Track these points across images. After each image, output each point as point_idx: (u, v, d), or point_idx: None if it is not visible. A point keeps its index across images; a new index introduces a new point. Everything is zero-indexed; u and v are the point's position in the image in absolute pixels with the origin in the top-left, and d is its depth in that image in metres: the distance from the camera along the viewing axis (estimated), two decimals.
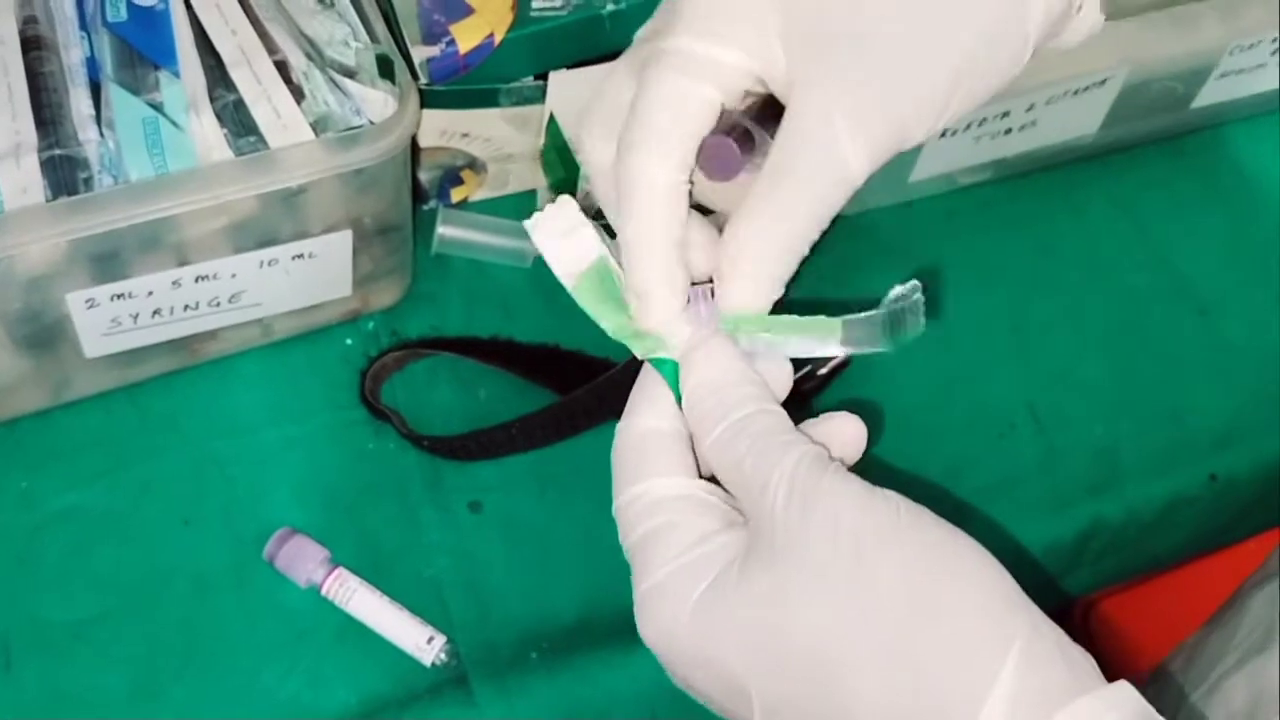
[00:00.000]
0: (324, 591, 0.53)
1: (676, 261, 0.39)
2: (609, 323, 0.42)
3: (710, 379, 0.38)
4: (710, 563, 0.35)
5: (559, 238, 0.42)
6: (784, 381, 0.39)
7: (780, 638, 0.33)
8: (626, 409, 0.39)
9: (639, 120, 0.38)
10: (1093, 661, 0.34)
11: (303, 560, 0.53)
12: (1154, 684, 0.57)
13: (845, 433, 0.38)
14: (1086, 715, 0.32)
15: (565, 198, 0.43)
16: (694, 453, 0.38)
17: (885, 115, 0.37)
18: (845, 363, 0.62)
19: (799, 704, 0.34)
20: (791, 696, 0.34)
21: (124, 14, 0.54)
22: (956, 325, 0.65)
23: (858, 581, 0.33)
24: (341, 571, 0.53)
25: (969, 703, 0.32)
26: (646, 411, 0.38)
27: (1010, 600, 0.33)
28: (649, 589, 0.36)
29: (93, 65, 0.53)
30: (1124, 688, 0.33)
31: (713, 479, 0.38)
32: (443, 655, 0.52)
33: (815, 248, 0.39)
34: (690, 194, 0.39)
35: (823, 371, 0.61)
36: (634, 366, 0.41)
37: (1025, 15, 0.38)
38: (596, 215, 0.43)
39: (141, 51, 0.53)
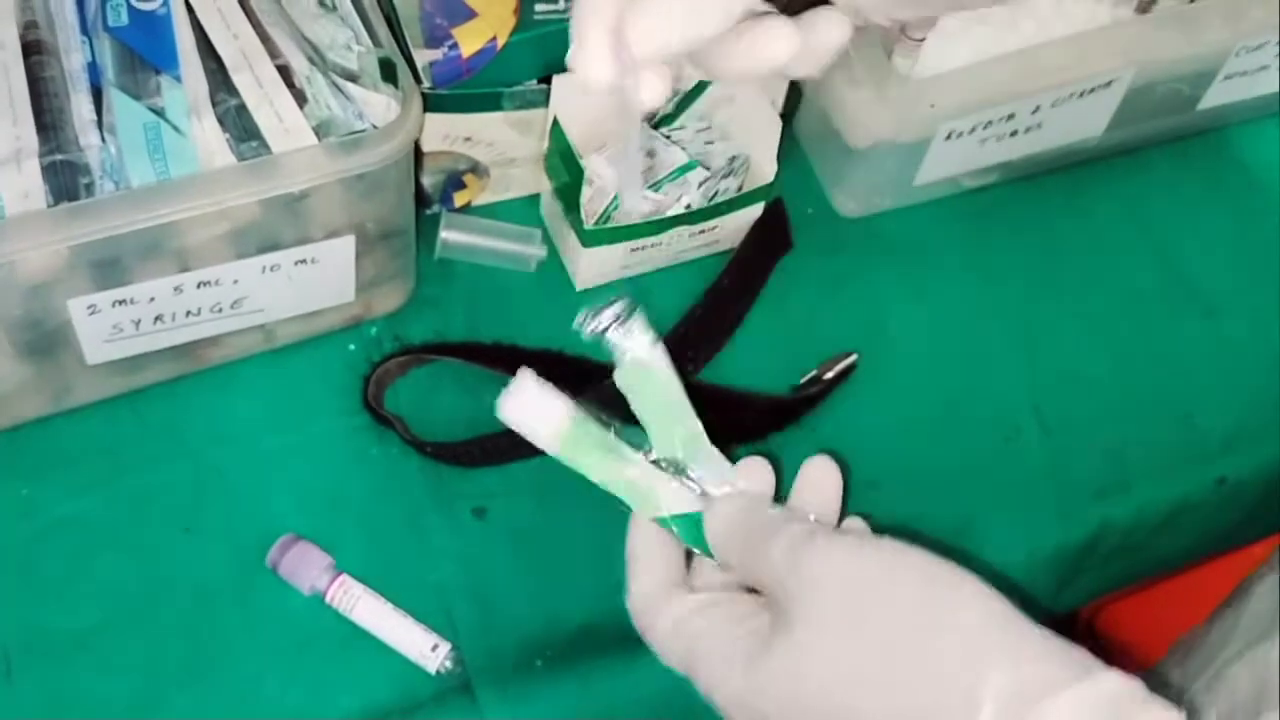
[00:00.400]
0: (328, 599, 0.52)
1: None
2: (598, 475, 0.46)
3: (726, 534, 0.44)
4: (740, 643, 0.41)
5: (528, 411, 0.47)
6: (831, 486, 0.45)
7: (799, 693, 0.39)
8: (629, 575, 0.46)
9: None
10: (1090, 657, 0.36)
11: (306, 567, 0.52)
12: (1152, 678, 0.56)
13: (815, 480, 0.45)
14: (1076, 701, 0.35)
15: (523, 371, 0.47)
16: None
17: None
18: (851, 367, 0.62)
19: None
20: None
21: (125, 18, 0.54)
22: (963, 328, 0.64)
23: (850, 631, 0.39)
24: (345, 578, 0.53)
25: (965, 709, 0.36)
26: (645, 576, 0.45)
27: (996, 616, 0.37)
28: (705, 677, 0.42)
29: (94, 70, 0.53)
30: (1114, 673, 0.36)
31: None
32: (447, 663, 0.52)
33: None
34: None
35: (829, 376, 0.61)
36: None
37: None
38: None
39: (143, 56, 0.53)
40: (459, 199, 0.63)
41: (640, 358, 0.47)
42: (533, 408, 0.47)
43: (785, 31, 0.41)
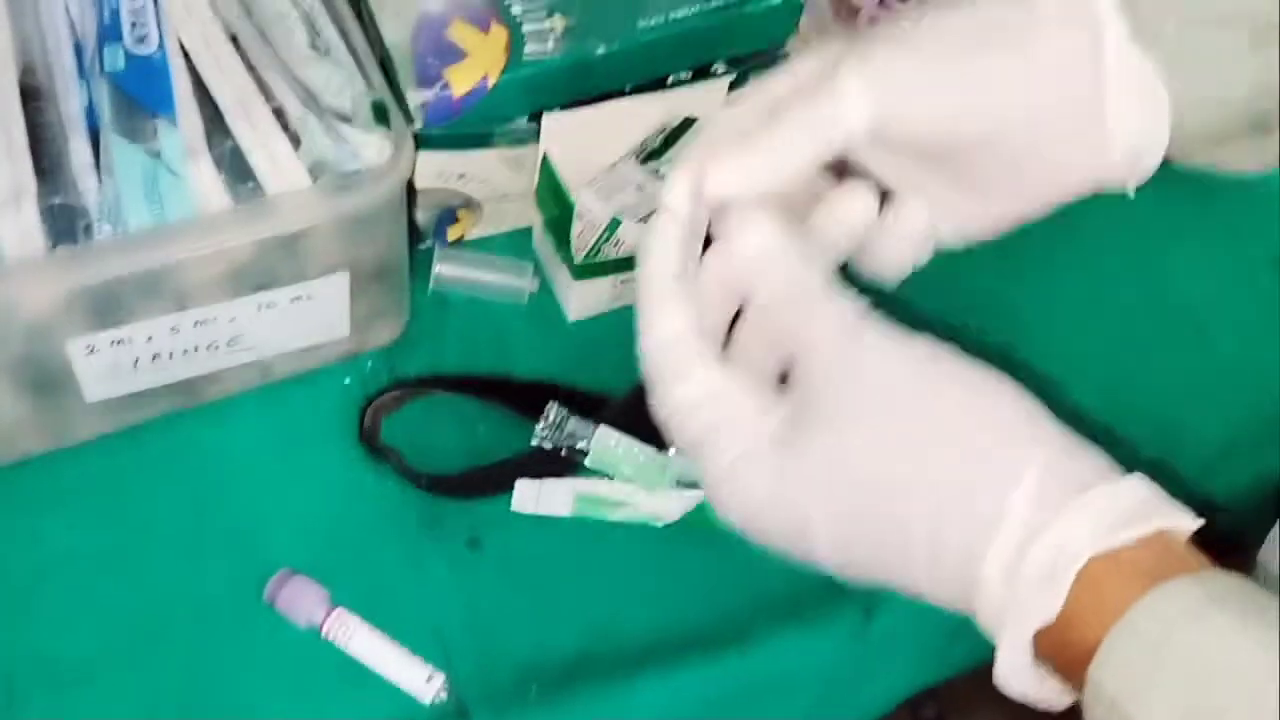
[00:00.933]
0: (324, 632, 0.53)
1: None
2: (616, 515, 0.57)
3: (746, 255, 0.41)
4: (766, 441, 0.39)
5: (539, 502, 0.57)
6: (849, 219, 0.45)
7: (836, 479, 0.38)
8: (640, 324, 0.41)
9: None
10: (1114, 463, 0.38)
11: (303, 601, 0.53)
12: None
13: (853, 210, 0.44)
14: (1108, 495, 0.36)
15: (520, 484, 0.56)
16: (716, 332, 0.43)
17: (884, 72, 0.41)
18: None
19: (857, 538, 0.39)
20: (851, 530, 0.38)
21: (122, 63, 0.55)
22: (953, 350, 0.65)
23: (891, 419, 0.38)
24: (341, 611, 0.53)
25: (997, 499, 0.36)
26: (659, 320, 0.41)
27: (1034, 415, 0.38)
28: (718, 478, 0.40)
29: (91, 114, 0.54)
30: (1141, 479, 0.37)
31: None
32: (442, 694, 0.53)
33: None
34: None
35: None
36: (630, 405, 0.43)
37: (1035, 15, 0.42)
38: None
39: (139, 100, 0.54)
40: (452, 233, 0.64)
41: (596, 448, 0.56)
42: (544, 499, 0.57)
43: (863, 193, 0.45)
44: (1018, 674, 0.37)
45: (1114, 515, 0.35)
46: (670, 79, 0.61)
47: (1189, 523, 0.37)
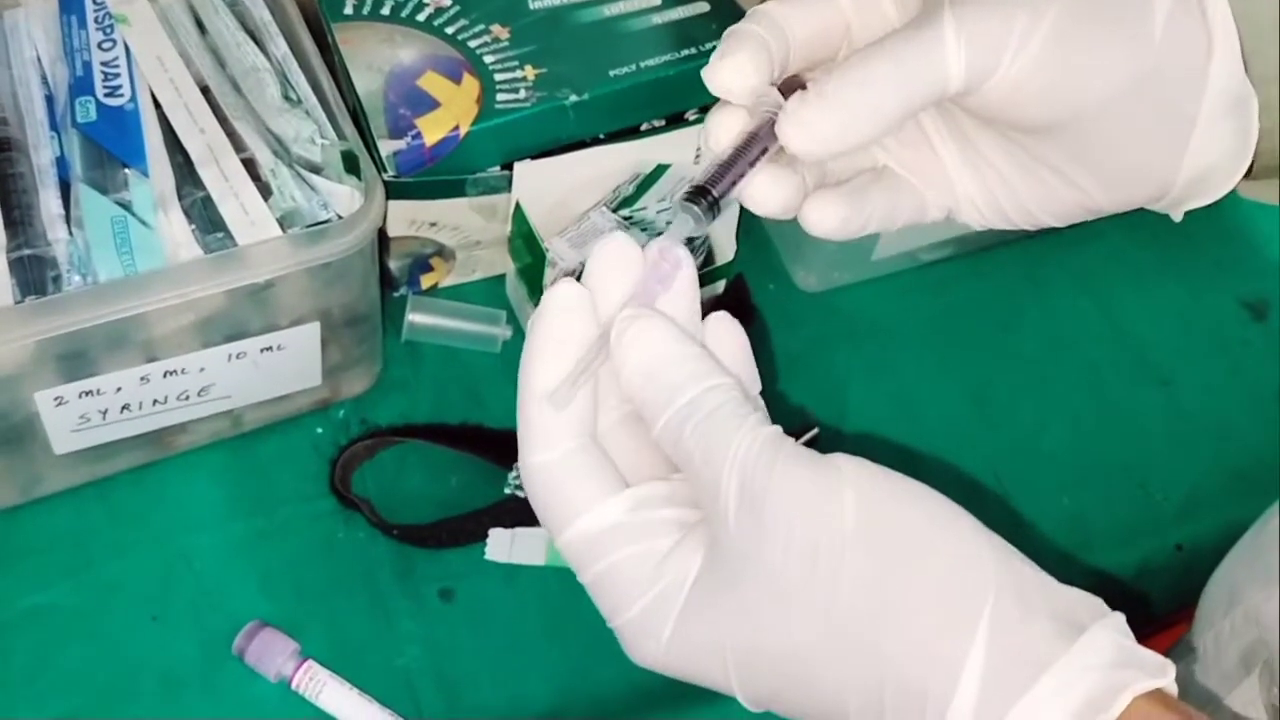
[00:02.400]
0: (294, 685, 0.53)
1: (758, 36, 0.39)
2: None
3: (644, 364, 0.35)
4: (672, 589, 0.35)
5: (512, 551, 0.57)
6: (735, 343, 0.37)
7: (754, 652, 0.34)
8: (520, 449, 0.36)
9: None
10: (1080, 605, 0.33)
11: (272, 654, 0.53)
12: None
13: (722, 339, 0.37)
14: (1061, 684, 0.32)
15: (493, 534, 0.57)
16: (606, 459, 0.36)
17: (990, 27, 0.37)
18: (813, 440, 0.62)
19: (785, 700, 0.35)
20: (775, 695, 0.35)
21: (94, 114, 0.55)
22: (920, 399, 0.65)
23: (817, 592, 0.33)
24: (311, 665, 0.53)
25: (943, 685, 0.32)
26: (539, 446, 0.35)
27: (977, 563, 0.33)
28: (622, 627, 0.36)
29: (63, 165, 0.54)
30: (1099, 635, 0.32)
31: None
32: None
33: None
34: None
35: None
36: None
37: (1148, 12, 0.38)
38: None
39: (111, 151, 0.54)
40: (426, 281, 0.64)
41: None
42: (518, 549, 0.57)
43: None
44: None
45: (1074, 703, 0.31)
46: (642, 127, 0.61)
47: (1158, 681, 0.32)
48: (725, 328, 0.37)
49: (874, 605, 0.33)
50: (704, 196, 0.37)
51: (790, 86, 0.39)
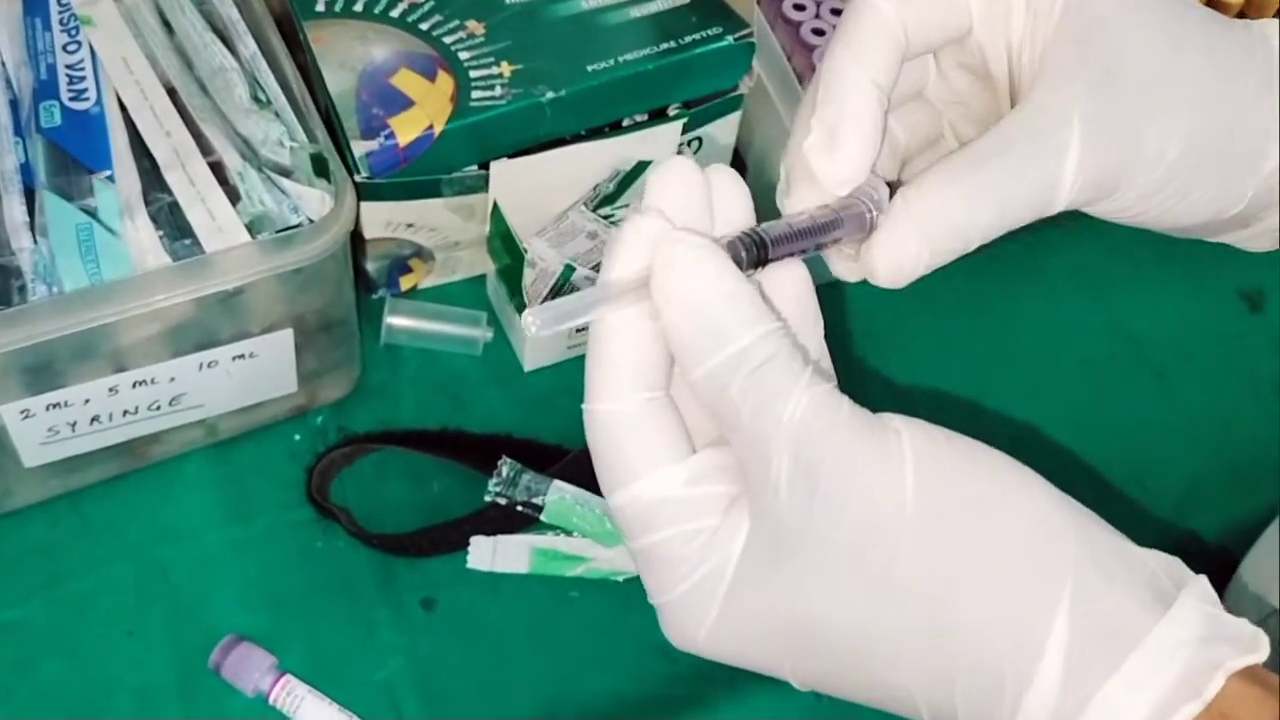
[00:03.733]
0: (271, 700, 0.52)
1: (877, 125, 0.34)
2: (574, 571, 0.56)
3: (688, 301, 0.31)
4: (717, 571, 0.32)
5: (495, 559, 0.55)
6: (798, 289, 0.34)
7: (806, 631, 0.32)
8: (587, 390, 0.33)
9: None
10: (1162, 569, 0.31)
11: (248, 668, 0.52)
12: None
13: (781, 280, 0.34)
14: (1149, 660, 0.29)
15: (475, 542, 0.55)
16: (677, 416, 0.33)
17: (1119, 140, 0.34)
18: None
19: (838, 680, 0.33)
20: (828, 675, 0.33)
21: (58, 119, 0.54)
22: (917, 395, 0.64)
23: (877, 568, 0.31)
24: (289, 679, 0.52)
25: (1023, 665, 0.30)
26: (604, 392, 0.32)
27: (1053, 532, 0.31)
28: (664, 606, 0.33)
29: (27, 171, 0.52)
30: (1187, 606, 0.30)
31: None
32: None
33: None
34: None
35: None
36: (586, 457, 0.40)
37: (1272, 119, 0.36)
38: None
39: (76, 156, 0.53)
40: (405, 283, 0.63)
41: (552, 503, 0.55)
42: (500, 554, 0.56)
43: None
44: None
45: (1165, 685, 0.29)
46: (623, 123, 0.60)
47: (1253, 658, 0.30)
48: (786, 269, 0.34)
49: (941, 582, 0.30)
50: (757, 248, 0.32)
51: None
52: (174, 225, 0.51)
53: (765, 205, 0.40)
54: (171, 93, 0.54)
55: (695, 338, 0.31)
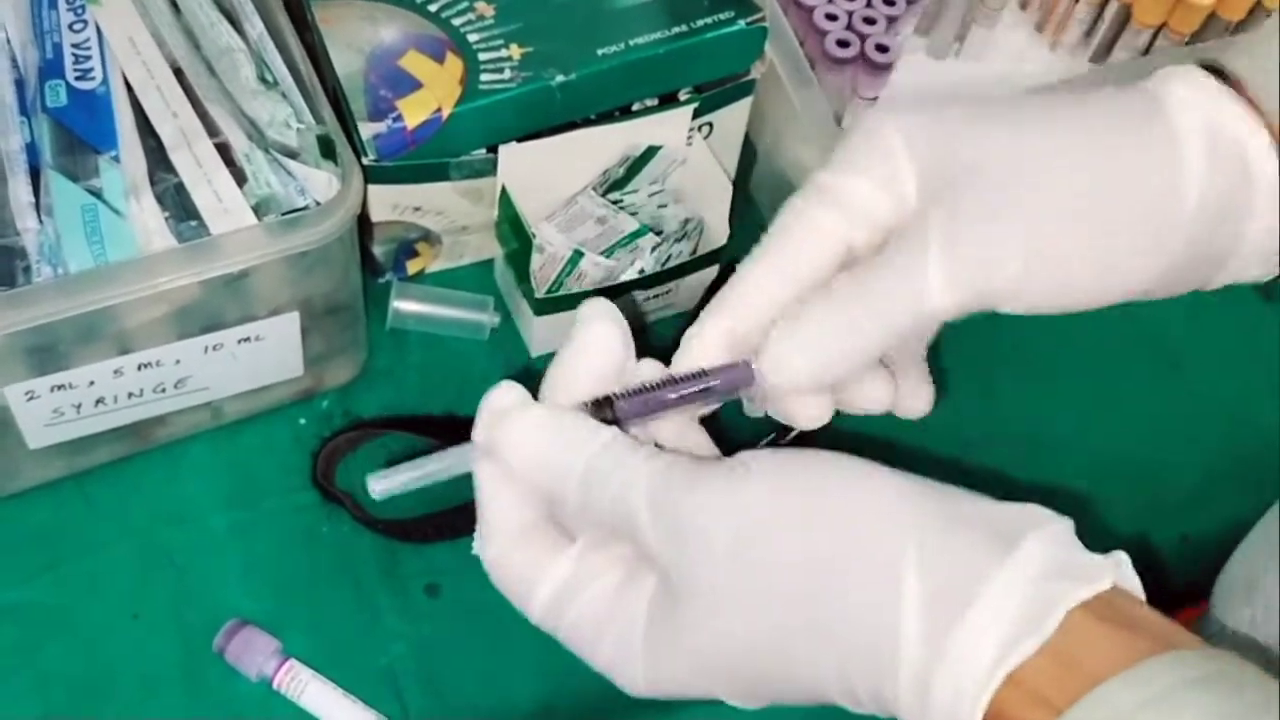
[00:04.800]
0: (275, 684, 0.51)
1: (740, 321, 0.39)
2: None
3: (527, 463, 0.37)
4: (631, 622, 0.36)
5: None
6: (609, 362, 0.38)
7: (717, 660, 0.35)
8: (477, 547, 0.39)
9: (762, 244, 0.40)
10: (1018, 518, 0.33)
11: (252, 653, 0.51)
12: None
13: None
14: (993, 602, 0.31)
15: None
16: (559, 534, 0.38)
17: (982, 262, 0.37)
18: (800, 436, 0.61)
19: (762, 694, 0.35)
20: (753, 692, 0.35)
21: (64, 99, 0.53)
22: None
23: (755, 585, 0.34)
24: (293, 664, 0.52)
25: (887, 637, 0.32)
26: (491, 543, 0.38)
27: (893, 506, 0.34)
28: (604, 668, 0.37)
29: (32, 151, 0.52)
30: (1031, 548, 0.32)
31: None
32: None
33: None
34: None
35: (789, 437, 0.60)
36: None
37: (1177, 200, 0.37)
38: None
39: (82, 136, 0.52)
40: (412, 267, 0.62)
41: None
42: None
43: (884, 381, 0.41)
44: None
45: (1006, 625, 0.31)
46: (633, 107, 0.60)
47: (1094, 588, 0.32)
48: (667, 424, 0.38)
49: (809, 580, 0.33)
50: (607, 409, 0.37)
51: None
52: (180, 206, 0.51)
53: (775, 190, 0.40)
54: (178, 73, 0.54)
55: (550, 486, 0.36)
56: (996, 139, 0.38)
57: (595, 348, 0.38)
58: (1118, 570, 0.33)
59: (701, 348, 0.39)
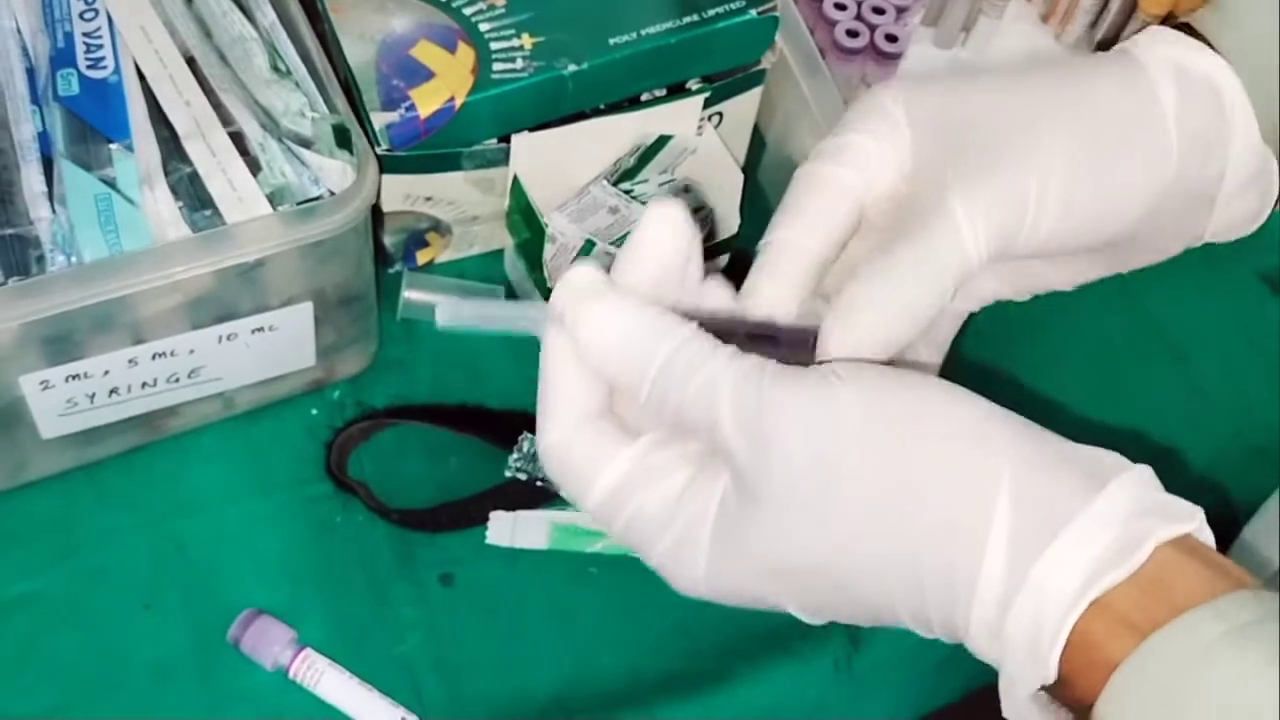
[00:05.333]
0: (291, 674, 0.51)
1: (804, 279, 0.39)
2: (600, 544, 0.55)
3: (605, 345, 0.35)
4: (697, 519, 0.35)
5: (514, 535, 0.55)
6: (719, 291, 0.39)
7: (788, 567, 0.35)
8: (538, 427, 0.37)
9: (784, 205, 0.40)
10: (1104, 460, 0.34)
11: (268, 642, 0.51)
12: None
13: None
14: (1084, 530, 0.32)
15: (494, 517, 0.55)
16: (620, 427, 0.37)
17: (1001, 203, 0.38)
18: None
19: (828, 606, 0.36)
20: (819, 603, 0.35)
21: (76, 88, 0.53)
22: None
23: (833, 494, 0.34)
24: (309, 653, 0.52)
25: (970, 555, 0.33)
26: (554, 425, 0.37)
27: (988, 433, 0.34)
28: (658, 563, 0.37)
29: (45, 140, 0.52)
30: (1121, 487, 0.33)
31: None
32: None
33: None
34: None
35: None
36: None
37: (1160, 127, 0.39)
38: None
39: (94, 126, 0.52)
40: (422, 257, 0.62)
41: None
42: (519, 531, 0.55)
43: None
44: (1022, 716, 0.34)
45: (1092, 556, 0.32)
46: (643, 97, 0.60)
47: (1185, 528, 0.33)
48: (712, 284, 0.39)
49: (891, 493, 0.33)
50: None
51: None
52: (194, 196, 0.51)
53: (783, 179, 0.41)
54: (190, 62, 0.54)
55: (624, 371, 0.35)
56: (988, 98, 0.40)
57: (663, 244, 0.37)
58: (1199, 515, 0.34)
59: (775, 293, 0.39)
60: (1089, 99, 0.40)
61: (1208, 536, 0.34)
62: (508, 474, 0.55)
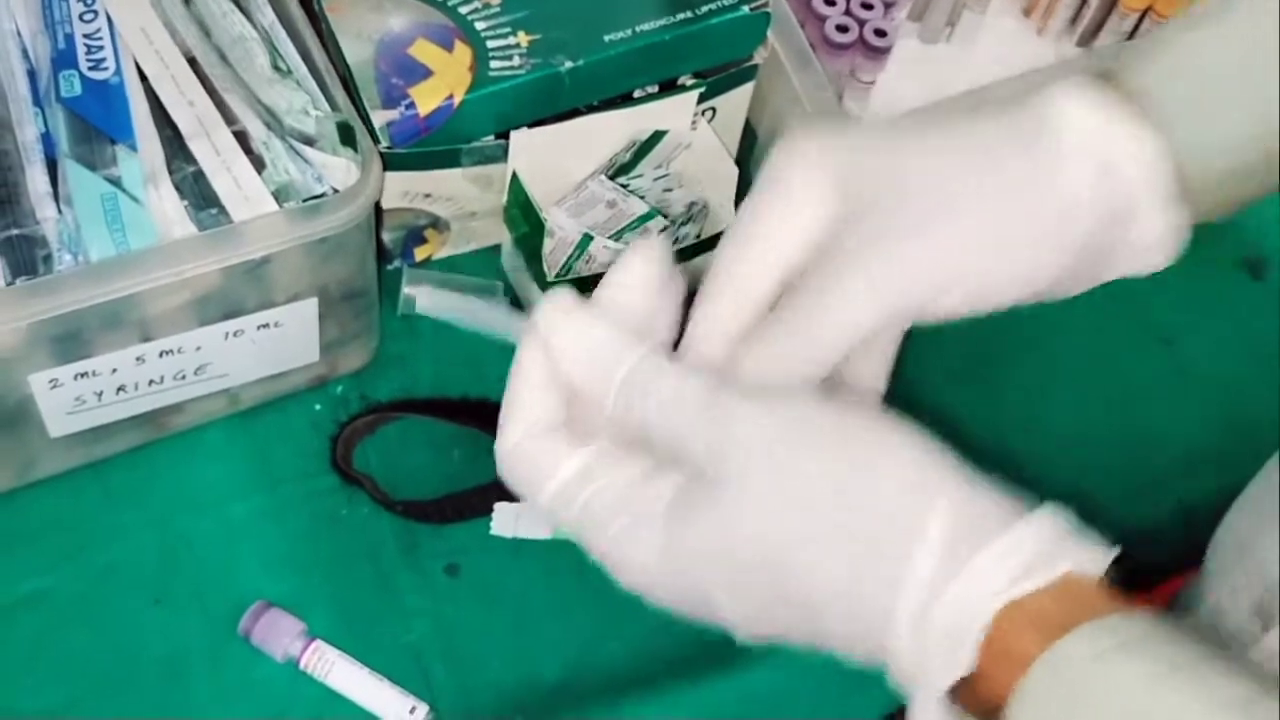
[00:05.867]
0: (302, 665, 0.52)
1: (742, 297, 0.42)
2: None
3: (576, 355, 0.39)
4: (647, 511, 0.38)
5: (518, 525, 0.56)
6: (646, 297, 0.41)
7: (734, 558, 0.37)
8: (498, 434, 0.40)
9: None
10: (1023, 503, 0.36)
11: (278, 634, 0.52)
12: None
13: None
14: (1013, 542, 0.34)
15: (499, 508, 0.56)
16: (574, 435, 0.40)
17: (896, 276, 0.40)
18: None
19: (765, 612, 0.37)
20: (757, 605, 0.37)
21: (78, 89, 0.53)
22: (917, 362, 0.65)
23: (782, 492, 0.36)
24: (319, 644, 0.52)
25: (901, 559, 0.35)
26: (514, 430, 0.40)
27: (933, 461, 0.36)
28: (603, 553, 0.39)
29: (48, 141, 0.52)
30: (1045, 518, 0.35)
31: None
32: None
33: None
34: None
35: None
36: None
37: (1072, 203, 0.40)
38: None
39: (97, 126, 0.53)
40: (420, 253, 0.63)
41: None
42: (523, 520, 0.56)
43: None
44: None
45: (1018, 564, 0.34)
46: (637, 93, 0.60)
47: (1098, 560, 0.35)
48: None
49: (838, 493, 0.36)
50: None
51: None
52: (199, 194, 0.51)
53: None
54: (192, 62, 0.54)
55: (592, 381, 0.39)
56: (904, 161, 0.41)
57: (641, 274, 0.41)
58: (1113, 553, 0.36)
59: (707, 343, 0.41)
60: (1002, 175, 0.40)
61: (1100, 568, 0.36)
62: None
